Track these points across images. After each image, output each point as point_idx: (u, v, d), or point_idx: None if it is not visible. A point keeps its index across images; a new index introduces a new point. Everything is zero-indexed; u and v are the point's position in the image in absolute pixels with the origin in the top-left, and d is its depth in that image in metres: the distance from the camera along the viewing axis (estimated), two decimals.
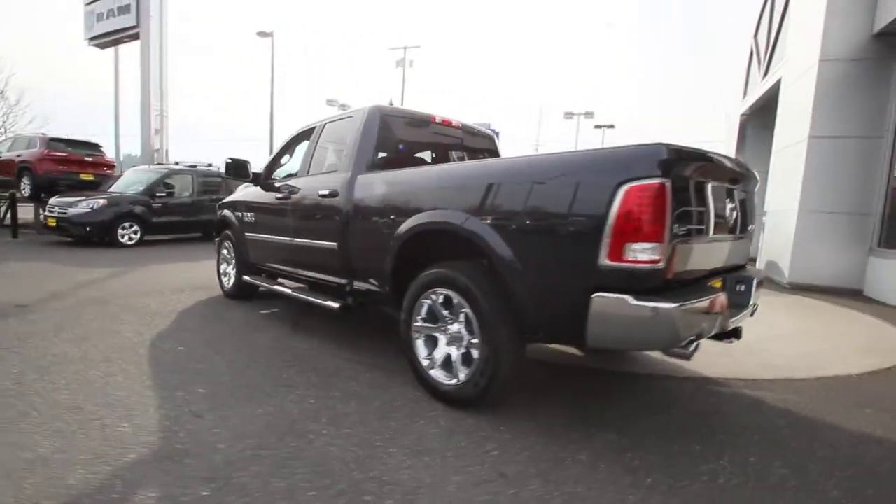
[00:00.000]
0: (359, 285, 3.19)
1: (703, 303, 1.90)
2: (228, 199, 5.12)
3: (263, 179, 4.33)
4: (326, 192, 3.30)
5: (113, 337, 3.42)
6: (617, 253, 1.81)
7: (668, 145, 1.79)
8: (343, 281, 3.30)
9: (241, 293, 4.78)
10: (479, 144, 4.12)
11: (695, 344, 1.91)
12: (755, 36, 10.76)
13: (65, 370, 2.75)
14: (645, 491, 1.76)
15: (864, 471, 2.00)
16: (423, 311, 2.62)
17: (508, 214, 2.16)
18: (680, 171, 1.87)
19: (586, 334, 1.92)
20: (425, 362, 2.60)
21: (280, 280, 4.29)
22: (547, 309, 2.08)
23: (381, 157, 3.33)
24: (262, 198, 4.26)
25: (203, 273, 6.24)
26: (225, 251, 5.01)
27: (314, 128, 3.92)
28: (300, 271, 3.81)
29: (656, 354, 3.19)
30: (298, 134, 4.24)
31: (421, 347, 2.64)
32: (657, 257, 1.79)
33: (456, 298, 2.41)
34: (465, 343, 2.43)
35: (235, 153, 6.36)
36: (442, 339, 2.57)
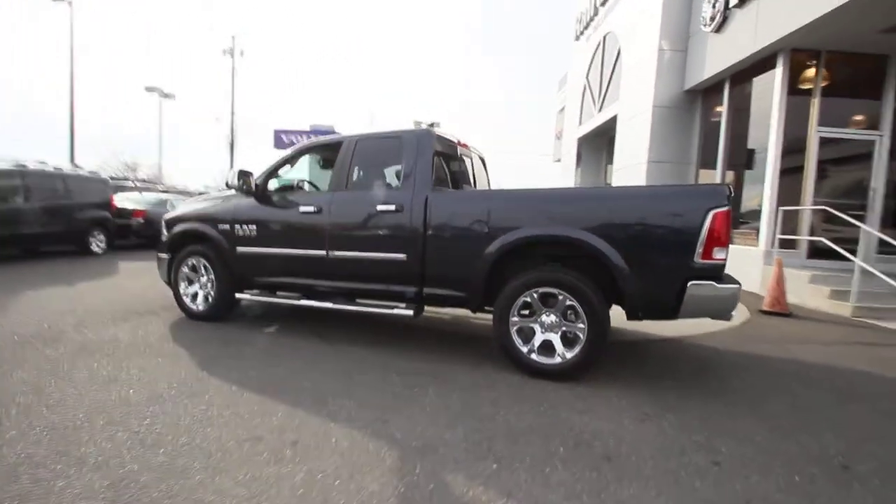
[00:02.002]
0: (432, 291, 3.50)
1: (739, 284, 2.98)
2: (190, 211, 4.56)
3: (264, 192, 4.12)
4: (392, 208, 3.51)
5: (139, 410, 2.99)
6: (707, 254, 2.74)
7: (728, 185, 2.80)
8: (411, 289, 3.55)
9: (217, 313, 4.37)
10: (477, 163, 4.72)
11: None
12: (587, 76, 13.61)
13: None
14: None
15: (770, 369, 3.38)
16: (520, 307, 3.17)
17: (620, 229, 2.91)
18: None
19: (681, 310, 2.81)
20: (524, 349, 3.16)
21: (280, 293, 4.15)
22: (650, 295, 2.90)
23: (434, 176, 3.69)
24: (271, 210, 4.06)
25: (114, 294, 5.30)
26: (186, 269, 4.46)
27: (339, 143, 3.97)
28: (337, 283, 3.83)
29: (638, 325, 4.30)
30: (308, 148, 4.17)
31: (517, 338, 3.19)
32: (725, 256, 2.78)
33: (561, 295, 3.05)
34: (561, 330, 3.10)
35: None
36: (538, 329, 3.17)
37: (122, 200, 11.20)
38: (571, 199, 3.22)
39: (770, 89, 7.37)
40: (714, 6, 7.78)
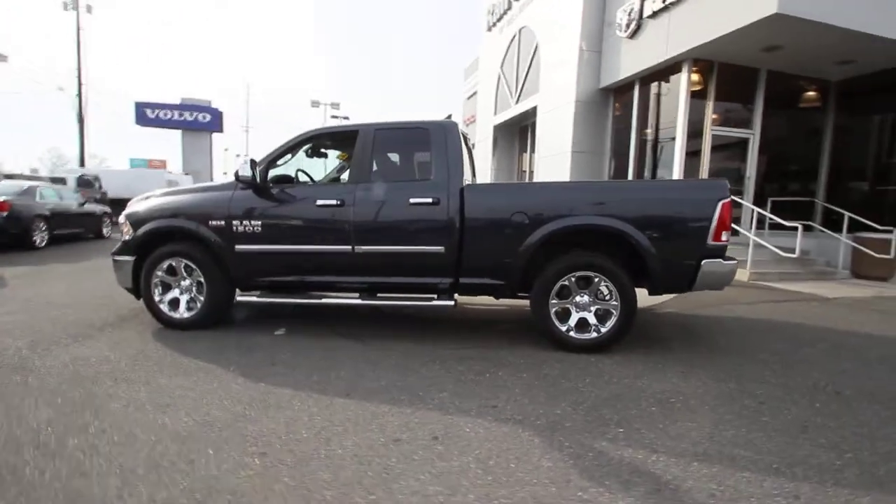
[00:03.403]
0: (469, 281, 3.62)
1: None
2: (163, 206, 3.97)
3: (265, 183, 3.80)
4: (428, 201, 3.52)
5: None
6: (717, 236, 3.31)
7: (727, 180, 3.41)
8: (446, 280, 3.63)
9: (207, 319, 3.94)
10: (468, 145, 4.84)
11: None
12: (502, 67, 14.29)
13: None
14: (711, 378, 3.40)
15: (733, 326, 4.25)
16: (557, 291, 3.49)
17: (650, 218, 3.35)
18: None
19: (695, 284, 3.38)
20: (563, 328, 3.49)
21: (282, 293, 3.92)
22: (671, 273, 3.40)
23: None
24: (278, 204, 3.76)
25: (35, 306, 4.45)
26: (161, 273, 3.91)
27: (354, 132, 3.82)
28: (364, 279, 3.72)
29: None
30: (314, 136, 3.92)
31: (555, 319, 3.51)
32: (728, 239, 3.40)
33: (597, 277, 3.42)
34: (594, 309, 3.49)
35: None
36: (572, 309, 3.52)
37: None
38: (605, 191, 3.59)
39: (672, 91, 8.66)
40: (629, 14, 8.80)
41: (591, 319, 3.50)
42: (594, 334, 3.48)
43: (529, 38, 12.26)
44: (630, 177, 9.54)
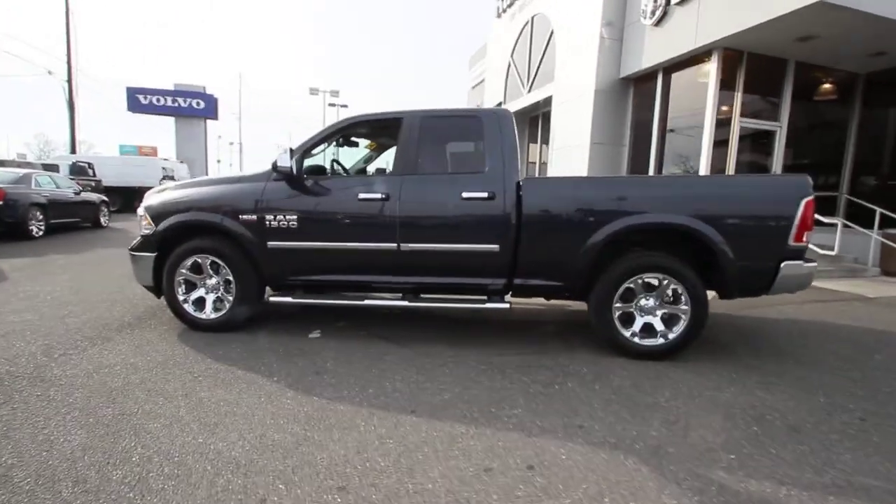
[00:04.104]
0: (524, 282, 3.35)
1: None
2: (188, 198, 3.64)
3: (301, 175, 3.48)
4: (483, 195, 3.23)
5: None
6: (799, 237, 3.07)
7: (808, 176, 3.16)
8: (499, 281, 3.36)
9: (236, 321, 3.64)
10: None
11: None
12: (512, 55, 13.90)
13: None
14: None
15: (791, 330, 4.03)
16: (622, 294, 3.23)
17: (725, 216, 3.09)
18: None
19: (773, 286, 3.13)
20: (627, 333, 3.24)
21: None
22: (748, 276, 3.15)
23: None
24: (315, 197, 3.45)
25: (43, 303, 4.13)
26: (186, 270, 3.60)
27: (398, 120, 3.50)
28: (409, 279, 3.44)
29: None
30: (354, 123, 3.60)
31: (619, 324, 3.25)
32: (808, 240, 3.15)
33: (665, 279, 3.16)
34: (660, 313, 3.24)
35: None
36: (636, 314, 3.27)
37: None
38: (677, 187, 3.32)
39: (699, 81, 8.38)
40: (656, 1, 8.48)
41: (658, 324, 3.25)
42: (661, 340, 3.23)
43: (544, 25, 11.88)
44: (651, 170, 9.29)
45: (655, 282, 3.22)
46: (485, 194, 3.25)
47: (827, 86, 8.84)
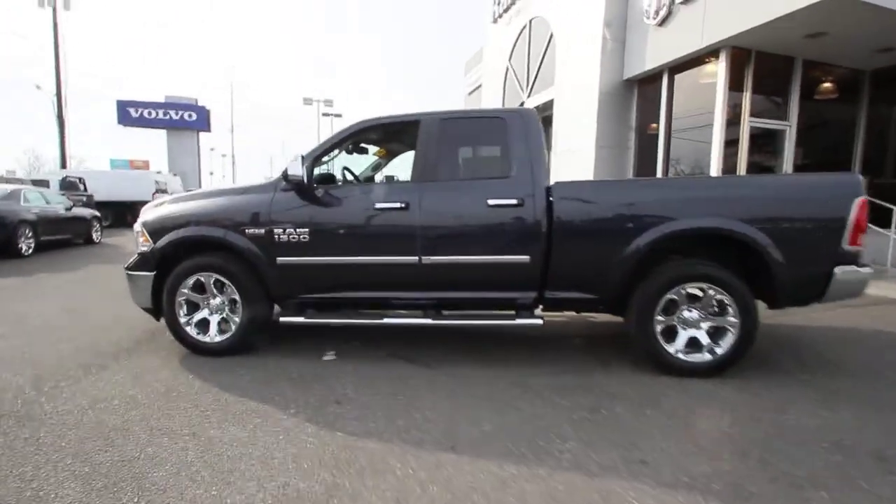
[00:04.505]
0: (556, 295, 3.10)
1: None
2: (188, 212, 3.37)
3: (311, 184, 3.23)
4: (512, 202, 2.99)
5: None
6: (853, 240, 2.84)
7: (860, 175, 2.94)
8: (529, 294, 3.11)
9: (243, 343, 3.37)
10: None
11: None
12: (510, 60, 13.77)
13: None
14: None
15: (859, 341, 3.81)
16: (664, 306, 2.99)
17: (776, 219, 2.86)
18: None
19: (826, 294, 2.91)
20: (671, 349, 3.00)
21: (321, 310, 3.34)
22: (799, 284, 2.92)
23: None
24: (326, 208, 3.19)
25: (33, 327, 3.83)
26: (188, 290, 3.32)
27: (415, 122, 3.26)
28: (430, 294, 3.18)
29: None
30: (368, 128, 3.35)
31: (661, 339, 3.01)
32: (863, 243, 2.93)
33: (712, 290, 2.92)
34: (706, 326, 3.00)
35: None
36: (679, 327, 3.03)
37: None
38: (721, 188, 3.09)
39: (705, 81, 8.23)
40: (659, 1, 8.34)
41: (704, 339, 3.00)
42: (707, 356, 2.98)
43: (542, 28, 11.75)
44: (658, 172, 9.12)
45: (700, 292, 2.98)
46: (513, 201, 3.01)
47: (833, 84, 8.72)
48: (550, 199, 3.03)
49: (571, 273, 3.08)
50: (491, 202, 3.02)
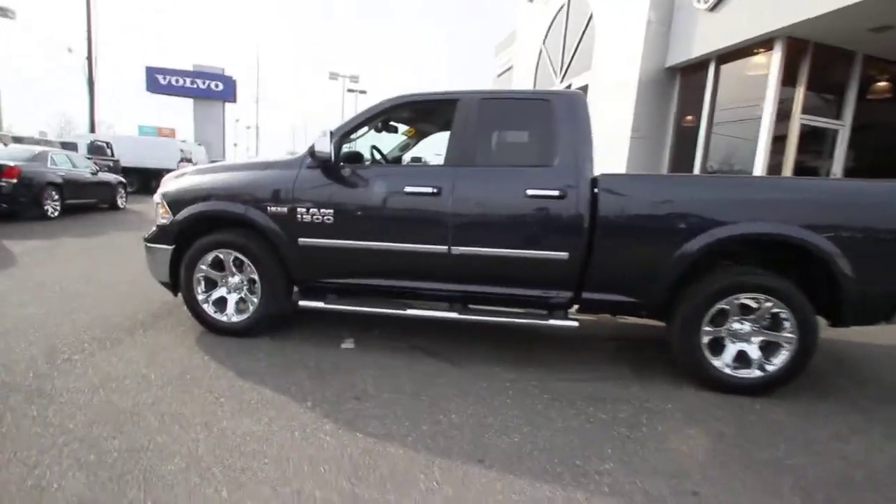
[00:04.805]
0: (594, 297, 2.88)
1: None
2: (211, 185, 3.22)
3: (338, 163, 3.04)
4: (554, 193, 2.75)
5: None
6: None
7: None
8: (564, 294, 2.89)
9: (261, 325, 3.23)
10: None
11: None
12: (544, 42, 13.25)
13: None
14: None
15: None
16: (713, 316, 2.73)
17: (846, 228, 2.57)
18: None
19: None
20: (717, 363, 2.75)
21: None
22: (869, 299, 2.64)
23: None
24: (353, 189, 3.00)
25: (49, 294, 3.77)
26: (206, 267, 3.19)
27: (453, 101, 3.02)
28: (458, 287, 2.99)
29: None
30: (402, 104, 3.12)
31: (707, 352, 2.76)
32: None
33: (768, 301, 2.66)
34: (757, 341, 2.74)
35: None
36: (727, 340, 2.78)
37: None
38: (790, 191, 2.79)
39: (757, 72, 7.72)
40: None
41: (754, 353, 2.75)
42: (757, 372, 2.73)
43: (581, 9, 11.21)
44: (696, 167, 8.68)
45: (754, 303, 2.72)
46: (554, 192, 2.76)
47: (890, 82, 8.09)
48: (595, 191, 2.78)
49: (613, 274, 2.84)
50: (530, 192, 2.79)
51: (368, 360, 2.96)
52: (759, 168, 7.48)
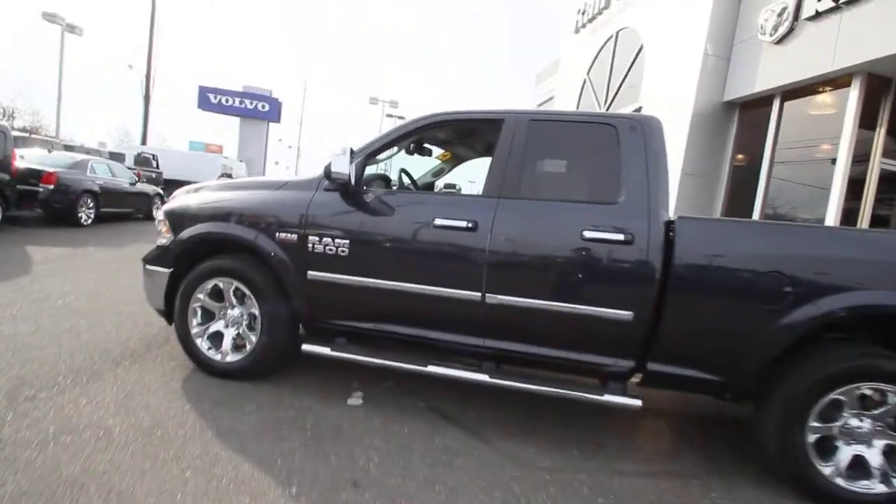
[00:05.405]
0: (663, 369, 2.29)
1: None
2: (215, 203, 2.86)
3: (360, 185, 2.62)
4: (618, 237, 2.22)
5: None
6: None
7: None
8: (625, 363, 2.32)
9: (259, 368, 2.78)
10: None
11: None
12: (589, 72, 12.87)
13: None
14: None
15: None
16: (823, 408, 2.09)
17: None
18: None
19: None
20: (826, 470, 2.09)
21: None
22: None
23: None
24: (375, 217, 2.56)
25: (37, 309, 3.43)
26: (204, 296, 2.79)
27: (498, 121, 2.57)
28: (493, 343, 2.47)
29: None
30: (437, 123, 2.69)
31: (813, 454, 2.11)
32: None
33: (892, 393, 2.01)
34: (882, 443, 2.09)
35: None
36: (840, 441, 2.12)
37: (23, 160, 8.35)
38: None
39: (824, 110, 7.03)
40: (780, 15, 7.23)
41: (875, 459, 2.08)
42: (881, 487, 2.06)
43: (631, 40, 10.79)
44: (756, 211, 7.90)
45: (877, 395, 2.07)
46: (618, 235, 2.23)
47: None
48: (671, 237, 2.23)
49: (689, 342, 2.25)
50: (588, 234, 2.27)
51: (377, 424, 2.44)
52: (832, 216, 6.68)
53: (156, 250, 2.99)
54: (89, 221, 8.95)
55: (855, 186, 6.79)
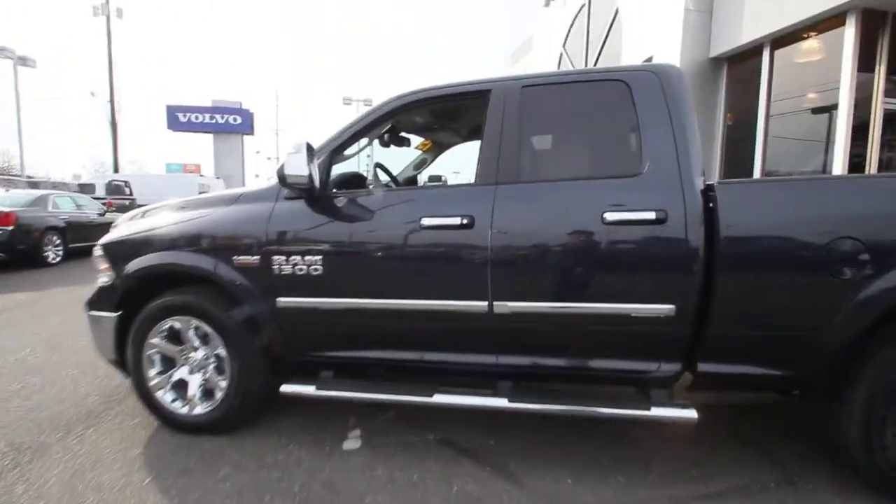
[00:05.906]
0: (717, 369, 1.89)
1: None
2: (161, 230, 2.40)
3: (328, 188, 2.18)
4: (645, 216, 1.80)
5: None
6: None
7: None
8: (670, 366, 1.91)
9: (235, 417, 2.35)
10: None
11: None
12: (564, 45, 12.42)
13: None
14: None
15: None
16: None
17: None
18: None
19: None
20: None
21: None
22: None
23: None
24: (349, 225, 2.13)
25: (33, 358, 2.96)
26: (160, 340, 2.35)
27: (482, 92, 2.13)
28: (507, 359, 2.05)
29: None
30: (407, 104, 2.24)
31: None
32: None
33: None
34: None
35: None
36: None
37: None
38: None
39: (819, 55, 6.66)
40: None
41: None
42: None
43: (604, 4, 10.35)
44: (756, 169, 7.55)
45: None
46: (647, 214, 1.81)
47: None
48: (711, 207, 1.82)
49: (746, 333, 1.85)
50: (610, 216, 1.84)
51: (380, 473, 2.02)
52: (839, 165, 6.33)
53: (98, 292, 2.53)
54: (58, 259, 8.41)
55: (858, 132, 6.44)
